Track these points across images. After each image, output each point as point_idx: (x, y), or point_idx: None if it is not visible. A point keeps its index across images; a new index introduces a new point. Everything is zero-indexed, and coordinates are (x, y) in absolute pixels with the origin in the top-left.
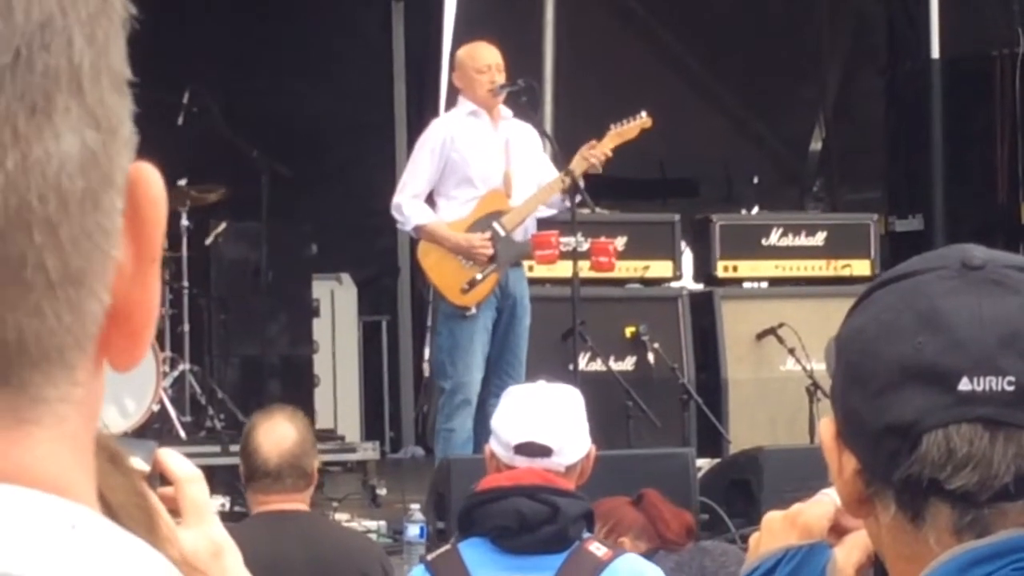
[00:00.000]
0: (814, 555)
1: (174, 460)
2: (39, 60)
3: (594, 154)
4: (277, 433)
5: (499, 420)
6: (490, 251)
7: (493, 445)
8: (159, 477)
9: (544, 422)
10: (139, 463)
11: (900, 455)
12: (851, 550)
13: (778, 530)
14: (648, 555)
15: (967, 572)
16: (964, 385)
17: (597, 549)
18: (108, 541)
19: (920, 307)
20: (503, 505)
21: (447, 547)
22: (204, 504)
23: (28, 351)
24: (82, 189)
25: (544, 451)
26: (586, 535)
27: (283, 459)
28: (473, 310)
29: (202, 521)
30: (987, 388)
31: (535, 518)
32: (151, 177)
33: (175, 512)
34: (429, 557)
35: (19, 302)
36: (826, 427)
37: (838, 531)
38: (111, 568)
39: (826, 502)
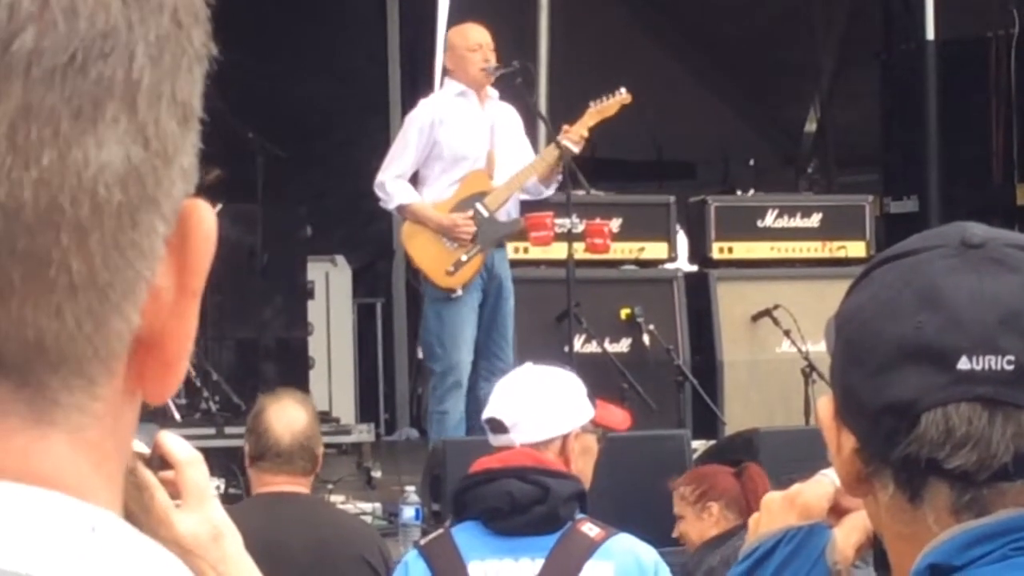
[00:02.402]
0: (813, 535)
1: (174, 443)
2: (94, 67)
3: (571, 139)
4: (288, 415)
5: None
6: (472, 229)
7: None
8: (160, 460)
9: (506, 399)
10: (140, 446)
11: (898, 434)
12: (850, 531)
13: (777, 511)
14: (733, 532)
15: (966, 551)
16: (963, 364)
17: (590, 530)
18: (127, 545)
19: (920, 286)
20: (494, 487)
21: (440, 531)
22: (204, 487)
23: (46, 352)
24: (119, 202)
25: (500, 426)
26: (579, 516)
27: (295, 441)
28: (459, 292)
29: (202, 504)
30: (986, 367)
31: (525, 499)
32: (205, 214)
33: (175, 495)
34: (422, 542)
35: (40, 301)
36: (824, 405)
37: (837, 511)
38: (129, 572)
39: (825, 482)
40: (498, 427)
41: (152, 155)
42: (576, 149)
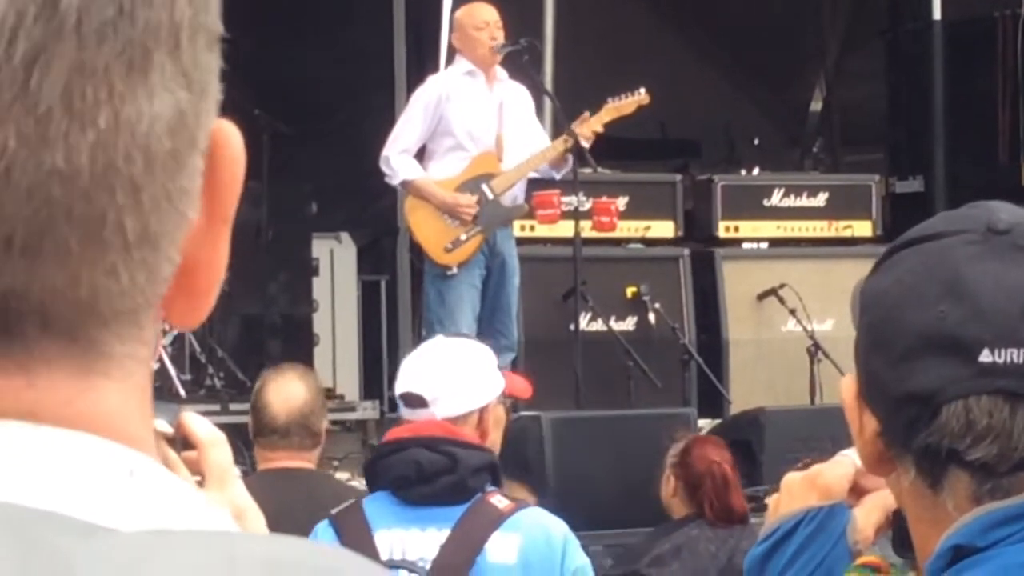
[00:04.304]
0: (834, 516)
1: (197, 423)
2: (141, 15)
3: (583, 133)
4: (287, 391)
5: (399, 372)
6: (474, 211)
7: None
8: (182, 440)
9: (423, 373)
10: (163, 425)
11: (919, 423)
12: (871, 511)
13: (797, 491)
14: (685, 521)
15: (989, 533)
16: (985, 356)
17: (499, 502)
18: (165, 488)
19: (943, 274)
20: (402, 456)
21: (351, 502)
22: (227, 467)
23: (99, 311)
24: (168, 151)
25: (419, 401)
26: (490, 488)
27: (291, 417)
28: (454, 270)
29: (225, 484)
30: (1009, 360)
31: (432, 468)
32: (232, 136)
33: (198, 475)
34: (334, 512)
35: (96, 261)
36: (848, 385)
37: (857, 492)
38: (165, 513)
39: (846, 463)
40: (416, 402)
41: (194, 95)
42: (586, 144)
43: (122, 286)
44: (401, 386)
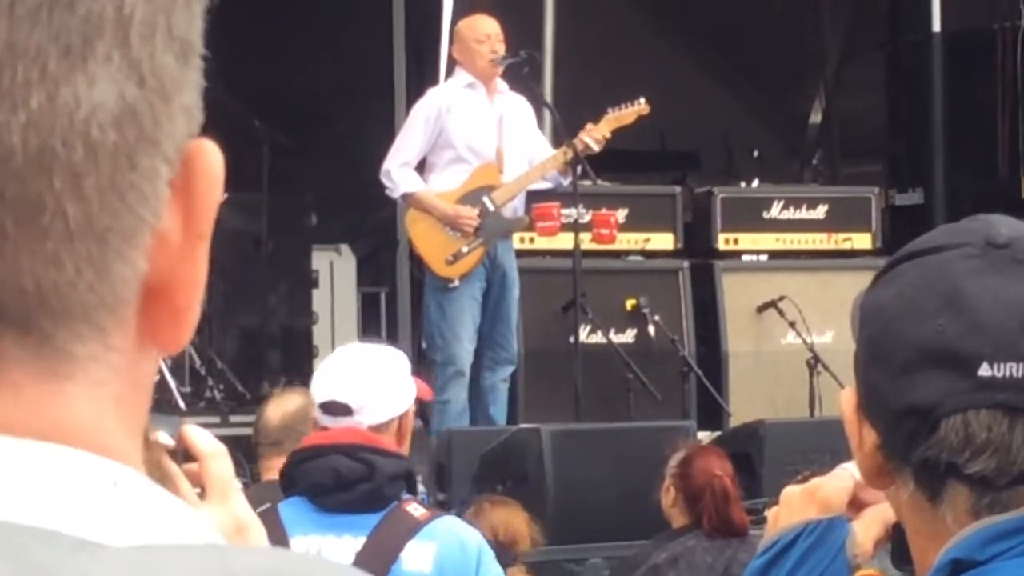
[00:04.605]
0: (833, 529)
1: (198, 435)
2: (82, 3)
3: (594, 136)
4: (284, 402)
5: (314, 379)
6: (476, 223)
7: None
8: (184, 452)
9: (347, 381)
10: (165, 438)
11: (918, 436)
12: (870, 524)
13: (797, 504)
14: (682, 531)
15: (989, 546)
16: (984, 370)
17: (415, 510)
18: (149, 500)
19: (943, 287)
20: (320, 463)
21: (267, 506)
22: (228, 480)
23: (48, 302)
24: (114, 143)
25: (345, 409)
26: (405, 496)
27: (283, 422)
28: (456, 282)
29: (226, 497)
30: (1007, 374)
31: (350, 475)
32: (210, 153)
33: (199, 487)
34: None
35: (36, 248)
36: (847, 398)
37: (857, 505)
38: (152, 526)
39: (845, 476)
40: (340, 410)
41: (148, 92)
42: (597, 148)
43: (68, 277)
44: (323, 394)
